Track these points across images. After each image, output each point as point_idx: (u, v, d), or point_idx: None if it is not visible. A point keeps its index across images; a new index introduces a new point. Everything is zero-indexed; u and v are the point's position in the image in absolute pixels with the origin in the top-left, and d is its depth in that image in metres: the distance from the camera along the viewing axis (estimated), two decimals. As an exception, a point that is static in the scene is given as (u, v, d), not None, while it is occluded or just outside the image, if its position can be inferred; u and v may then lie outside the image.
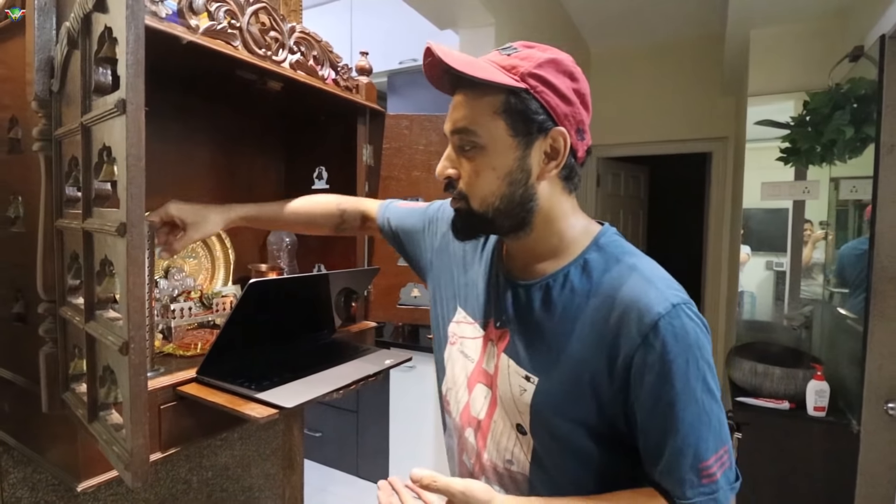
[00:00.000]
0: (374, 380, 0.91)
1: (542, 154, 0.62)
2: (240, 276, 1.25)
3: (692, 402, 0.57)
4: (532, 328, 0.66)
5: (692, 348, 0.57)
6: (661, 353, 0.56)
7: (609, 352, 0.59)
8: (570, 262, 0.65)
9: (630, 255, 0.64)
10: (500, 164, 0.61)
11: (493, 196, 0.62)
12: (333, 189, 1.29)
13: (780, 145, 2.18)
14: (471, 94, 0.62)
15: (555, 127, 0.61)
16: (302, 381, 0.83)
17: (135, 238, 0.48)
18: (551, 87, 0.60)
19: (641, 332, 0.57)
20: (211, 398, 0.76)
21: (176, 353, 0.90)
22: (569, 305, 0.63)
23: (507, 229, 0.65)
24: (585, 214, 0.69)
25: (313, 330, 1.06)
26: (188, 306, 0.98)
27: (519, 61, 0.60)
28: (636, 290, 0.59)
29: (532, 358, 0.65)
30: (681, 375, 0.56)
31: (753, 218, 2.46)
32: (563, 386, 0.61)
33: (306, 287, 0.99)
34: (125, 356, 0.50)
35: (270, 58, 0.91)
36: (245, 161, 1.27)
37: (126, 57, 0.47)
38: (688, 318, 0.57)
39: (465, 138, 0.62)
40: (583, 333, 0.61)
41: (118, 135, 0.49)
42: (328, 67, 1.06)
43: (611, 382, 0.59)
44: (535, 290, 0.66)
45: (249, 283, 0.78)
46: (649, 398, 0.57)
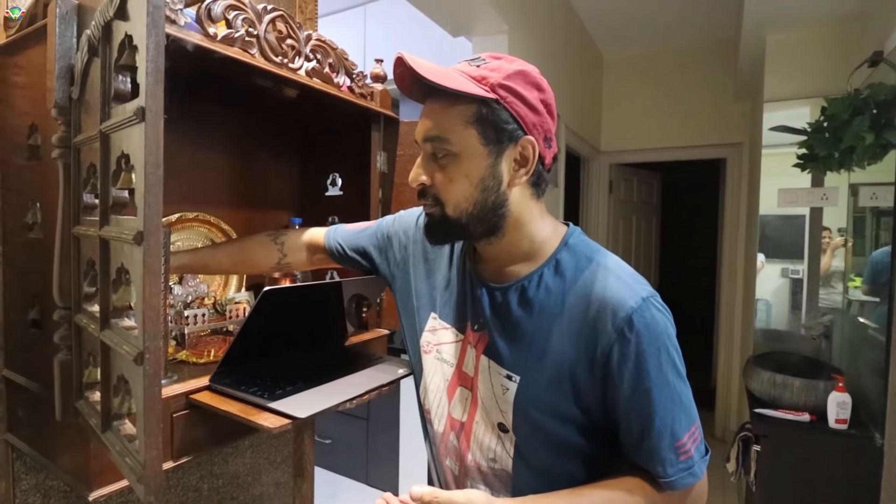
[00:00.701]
0: (388, 390, 0.90)
1: (513, 162, 0.65)
2: (253, 283, 1.25)
3: (666, 386, 0.61)
4: (511, 328, 0.68)
5: (662, 336, 0.61)
6: (636, 344, 0.60)
7: (587, 346, 0.62)
8: (542, 263, 0.68)
9: (598, 254, 0.68)
10: (473, 171, 0.63)
11: (467, 202, 0.64)
12: (348, 195, 1.29)
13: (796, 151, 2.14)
14: (442, 103, 0.64)
15: (524, 136, 0.64)
16: (315, 390, 0.82)
17: (151, 247, 0.48)
18: (520, 98, 0.63)
19: (617, 327, 0.61)
20: (223, 407, 0.75)
21: (189, 359, 0.90)
22: (545, 304, 0.66)
23: (480, 234, 0.67)
24: (552, 217, 0.72)
25: (326, 338, 1.05)
26: (202, 313, 0.98)
27: (489, 72, 0.63)
28: (609, 287, 0.63)
29: (513, 357, 0.67)
30: (655, 363, 0.60)
31: (769, 225, 2.42)
32: (544, 382, 0.64)
33: (319, 295, 0.98)
34: (140, 366, 0.49)
35: (287, 65, 0.91)
36: (260, 167, 1.27)
37: (146, 65, 0.47)
38: (656, 310, 0.62)
39: (438, 146, 0.64)
40: (561, 330, 0.64)
41: (136, 142, 0.49)
42: (343, 75, 1.06)
43: (590, 375, 0.63)
44: (512, 291, 0.69)
45: (263, 291, 0.77)
46: (628, 387, 0.61)
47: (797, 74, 2.24)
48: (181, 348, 0.94)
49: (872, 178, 1.95)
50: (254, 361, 0.87)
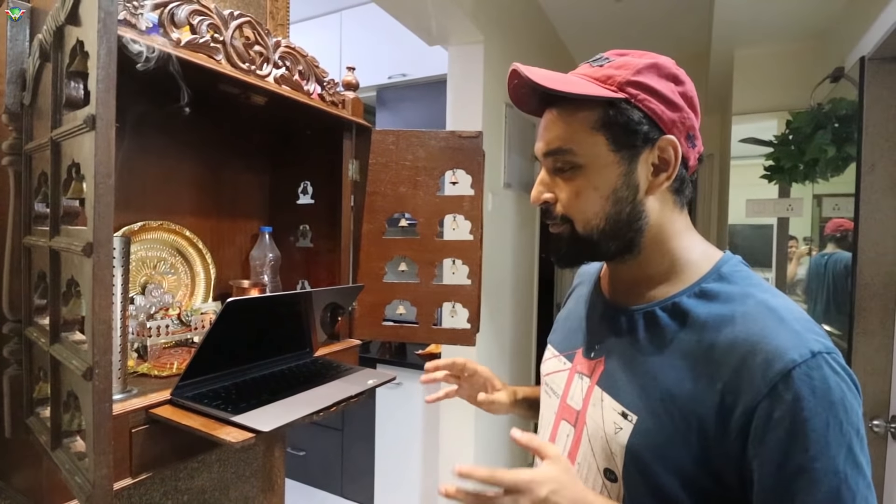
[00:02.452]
0: (357, 401, 0.88)
1: (650, 167, 0.58)
2: (221, 293, 1.22)
3: (830, 474, 0.46)
4: (633, 359, 0.59)
5: (836, 407, 0.47)
6: (793, 408, 0.47)
7: (724, 398, 0.51)
8: (684, 288, 0.59)
9: (761, 290, 0.56)
10: (603, 182, 0.57)
11: (598, 217, 0.58)
12: (319, 203, 1.28)
13: (764, 163, 2.21)
14: (563, 111, 0.59)
15: (662, 136, 0.57)
16: (281, 402, 0.81)
17: (101, 258, 0.46)
18: (654, 94, 0.56)
19: (769, 381, 0.48)
20: (185, 421, 0.73)
21: (151, 373, 0.87)
22: (679, 337, 0.56)
23: (614, 252, 0.60)
24: (701, 237, 0.64)
25: (294, 349, 1.03)
26: (165, 324, 0.96)
27: (614, 70, 0.57)
28: (766, 329, 0.51)
29: (632, 392, 0.58)
30: (817, 438, 0.47)
31: (739, 234, 2.49)
32: (666, 428, 0.54)
33: (287, 305, 0.97)
34: (89, 382, 0.47)
35: (254, 72, 0.90)
36: (229, 175, 1.25)
37: (97, 72, 0.46)
38: (832, 372, 0.48)
39: (562, 159, 0.59)
40: (694, 371, 0.53)
41: (87, 151, 0.48)
42: (314, 82, 1.05)
43: (723, 433, 0.51)
44: (639, 316, 0.61)
45: (227, 301, 0.76)
46: (773, 461, 0.48)
47: (764, 88, 2.32)
48: (143, 361, 0.91)
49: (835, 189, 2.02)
50: (218, 374, 0.85)
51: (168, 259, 1.12)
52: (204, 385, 0.82)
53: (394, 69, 2.56)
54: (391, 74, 2.57)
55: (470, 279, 1.19)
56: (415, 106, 2.57)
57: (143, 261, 1.06)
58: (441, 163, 1.19)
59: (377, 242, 1.22)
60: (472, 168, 1.17)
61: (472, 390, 0.91)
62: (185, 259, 1.15)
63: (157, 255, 1.09)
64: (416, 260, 1.21)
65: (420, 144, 1.20)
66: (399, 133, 1.20)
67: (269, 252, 1.26)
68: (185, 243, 1.14)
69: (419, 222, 1.20)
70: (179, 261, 1.14)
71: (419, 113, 2.55)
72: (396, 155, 1.20)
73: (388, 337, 1.23)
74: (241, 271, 1.29)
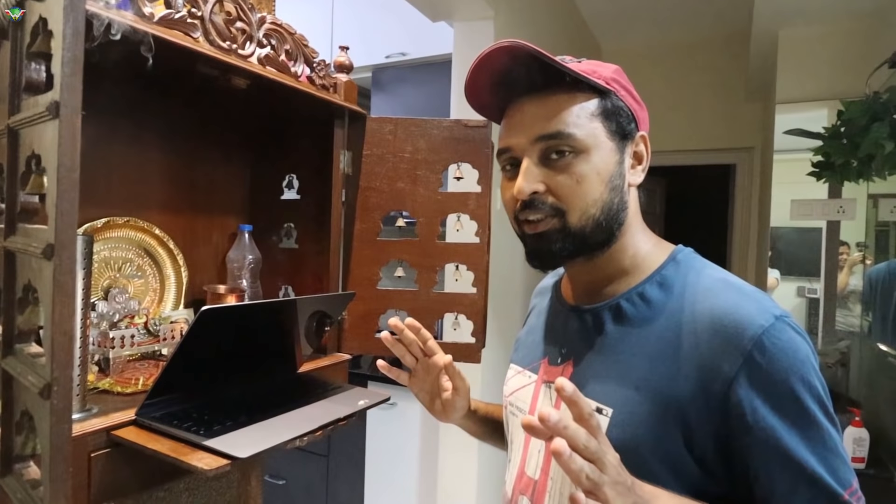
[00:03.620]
0: (345, 424, 0.89)
1: (630, 159, 0.68)
2: (194, 299, 1.23)
3: (814, 427, 0.56)
4: (602, 353, 0.66)
5: (806, 364, 0.56)
6: (770, 372, 0.55)
7: (700, 374, 0.58)
8: (644, 279, 0.67)
9: (715, 270, 0.66)
10: (604, 167, 0.64)
11: (595, 205, 0.64)
12: (306, 200, 1.29)
13: (811, 158, 2.21)
14: (557, 96, 0.64)
15: (638, 132, 0.68)
16: (260, 424, 0.81)
17: (64, 262, 0.47)
18: (629, 92, 0.67)
19: (742, 349, 0.56)
20: (151, 445, 0.74)
21: (113, 389, 0.88)
22: (646, 323, 0.63)
23: (595, 246, 0.67)
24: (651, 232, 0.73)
25: (276, 364, 1.04)
26: (131, 334, 0.96)
27: (595, 67, 0.66)
28: (728, 301, 0.59)
29: (603, 387, 0.64)
30: (797, 398, 0.55)
31: (783, 238, 2.48)
32: (643, 417, 0.60)
33: (268, 314, 0.97)
34: (46, 400, 0.48)
35: (236, 51, 0.91)
36: (205, 166, 1.26)
37: (62, 53, 0.47)
38: (794, 332, 0.57)
39: (560, 143, 0.63)
40: (665, 354, 0.60)
41: (49, 141, 0.49)
42: (302, 63, 1.06)
43: (705, 412, 0.57)
44: (605, 311, 0.68)
45: (201, 310, 0.76)
46: (761, 429, 0.55)
47: (813, 74, 2.31)
48: (105, 375, 0.92)
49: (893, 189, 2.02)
50: (189, 391, 0.86)
51: (135, 260, 1.12)
52: (173, 404, 0.82)
53: (392, 48, 2.56)
54: (389, 54, 2.57)
55: (475, 287, 1.19)
56: (415, 90, 2.57)
57: (107, 262, 1.07)
58: (444, 155, 1.19)
59: (371, 244, 1.22)
60: (480, 161, 1.18)
61: (425, 382, 0.85)
62: (153, 260, 1.16)
63: (122, 256, 1.10)
64: (415, 264, 1.21)
65: (421, 134, 1.20)
66: (397, 121, 1.21)
67: (248, 253, 1.26)
68: (153, 242, 1.15)
69: (418, 222, 1.21)
70: (147, 262, 1.15)
71: (420, 98, 2.55)
72: (394, 146, 1.21)
73: (382, 351, 1.23)
74: (216, 275, 1.30)
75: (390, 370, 0.83)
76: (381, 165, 1.21)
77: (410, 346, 0.82)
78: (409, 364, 0.84)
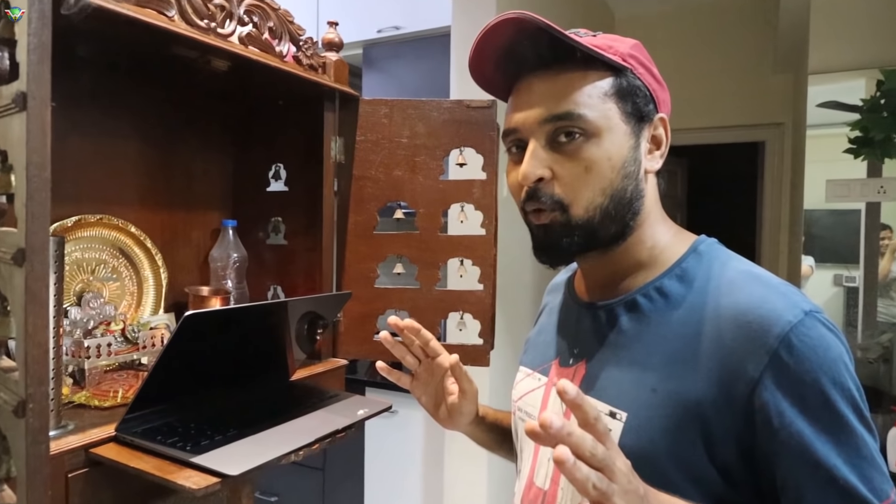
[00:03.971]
0: (344, 436, 0.90)
1: (647, 143, 0.68)
2: (174, 302, 1.23)
3: (847, 433, 0.55)
4: (616, 353, 0.66)
5: (837, 364, 0.56)
6: (798, 372, 0.55)
7: (722, 375, 0.58)
8: (662, 272, 0.67)
9: (740, 261, 0.66)
10: (616, 152, 0.64)
11: (604, 194, 0.64)
12: (295, 191, 1.29)
13: (848, 133, 2.20)
14: (567, 74, 0.64)
15: (657, 114, 0.68)
16: (252, 438, 0.82)
17: (36, 268, 0.48)
18: (648, 71, 0.67)
19: (768, 348, 0.56)
20: (134, 463, 0.74)
21: (90, 402, 0.88)
22: (664, 319, 0.64)
23: (610, 238, 0.67)
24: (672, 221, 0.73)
25: (267, 372, 1.04)
26: (107, 342, 0.97)
27: (611, 42, 0.66)
28: (753, 296, 0.59)
29: (618, 388, 0.64)
30: (827, 400, 0.55)
31: (817, 222, 2.48)
32: (660, 421, 0.60)
33: (257, 318, 0.98)
34: (21, 419, 0.49)
35: (215, 30, 0.91)
36: (183, 157, 1.26)
37: (28, 39, 0.47)
38: (825, 329, 0.57)
39: (570, 125, 0.63)
40: (685, 353, 0.61)
41: (17, 136, 0.49)
42: (287, 42, 1.06)
43: (728, 416, 0.57)
44: (620, 307, 0.68)
45: (185, 315, 0.76)
46: (788, 435, 0.55)
47: (849, 40, 2.29)
48: (80, 388, 0.93)
49: (940, 166, 2.01)
50: (174, 404, 0.86)
51: (109, 261, 1.13)
52: (156, 418, 0.83)
53: (384, 21, 2.55)
54: (381, 28, 2.56)
55: (482, 283, 1.19)
56: (411, 68, 2.56)
57: (79, 264, 1.07)
58: (445, 139, 1.19)
59: (367, 239, 1.22)
60: (484, 146, 1.18)
61: (428, 385, 0.84)
62: (129, 261, 1.16)
63: (95, 257, 1.10)
64: (415, 260, 1.21)
65: (419, 117, 1.20)
66: (393, 103, 1.21)
67: (233, 251, 1.26)
68: (129, 241, 1.15)
69: (418, 213, 1.21)
70: (123, 263, 1.15)
71: (416, 77, 2.54)
72: (390, 130, 1.21)
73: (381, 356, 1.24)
74: (199, 275, 1.30)
75: (390, 372, 0.83)
76: (376, 152, 1.21)
77: (411, 347, 0.82)
78: (411, 366, 0.84)
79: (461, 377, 0.82)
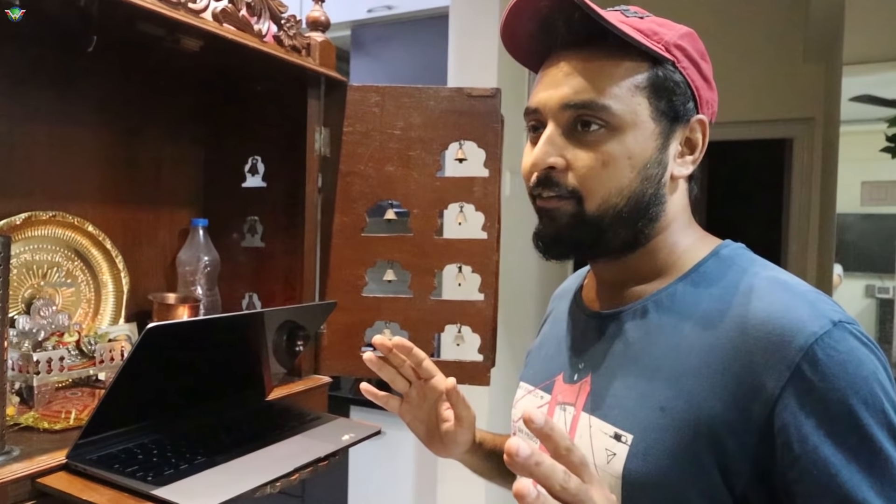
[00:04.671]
0: (326, 464, 0.89)
1: (679, 146, 0.67)
2: (137, 311, 1.23)
3: (880, 460, 0.53)
4: (624, 368, 0.66)
5: (869, 383, 0.54)
6: (823, 390, 0.54)
7: (738, 392, 0.57)
8: (677, 277, 0.67)
9: (765, 267, 0.66)
10: (639, 152, 0.64)
11: (621, 194, 0.64)
12: (275, 187, 1.28)
13: (885, 130, 2.21)
14: (599, 57, 0.64)
15: (696, 114, 0.67)
16: (223, 467, 0.81)
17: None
18: (695, 65, 0.66)
19: (789, 361, 0.55)
20: (87, 496, 0.73)
21: (39, 425, 0.87)
22: (676, 330, 0.63)
23: (618, 245, 0.67)
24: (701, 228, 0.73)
25: (241, 391, 1.04)
26: (59, 355, 0.96)
27: (658, 27, 0.65)
28: (775, 304, 0.59)
29: (624, 407, 0.64)
30: (858, 423, 0.53)
31: (851, 228, 2.49)
32: (669, 444, 0.59)
33: (231, 331, 0.97)
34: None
35: (185, 5, 0.90)
36: (149, 148, 1.26)
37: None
38: (859, 342, 0.56)
39: (591, 114, 0.63)
40: (698, 367, 0.60)
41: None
42: (267, 19, 1.06)
43: (744, 437, 0.57)
44: (628, 316, 0.68)
45: (147, 328, 0.75)
46: (811, 462, 0.54)
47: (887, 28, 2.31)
48: (28, 408, 0.91)
49: None
50: (134, 427, 0.85)
51: (63, 264, 1.12)
52: (115, 443, 0.82)
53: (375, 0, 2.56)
54: (371, 7, 2.56)
55: (483, 293, 1.19)
56: (404, 51, 2.56)
57: (29, 267, 1.06)
58: (443, 132, 1.19)
59: (354, 242, 1.22)
60: (487, 139, 1.17)
61: (420, 409, 0.84)
62: (86, 264, 1.15)
63: (47, 259, 1.09)
64: (409, 266, 1.21)
65: (414, 106, 1.19)
66: (385, 90, 1.20)
67: (203, 254, 1.26)
68: (86, 242, 1.14)
69: (412, 214, 1.21)
70: (79, 266, 1.15)
71: (410, 61, 2.55)
72: (382, 120, 1.20)
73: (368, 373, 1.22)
74: (164, 281, 1.30)
75: (377, 396, 0.82)
76: (365, 145, 1.21)
77: (401, 368, 0.81)
78: (401, 389, 0.83)
79: (457, 402, 0.81)
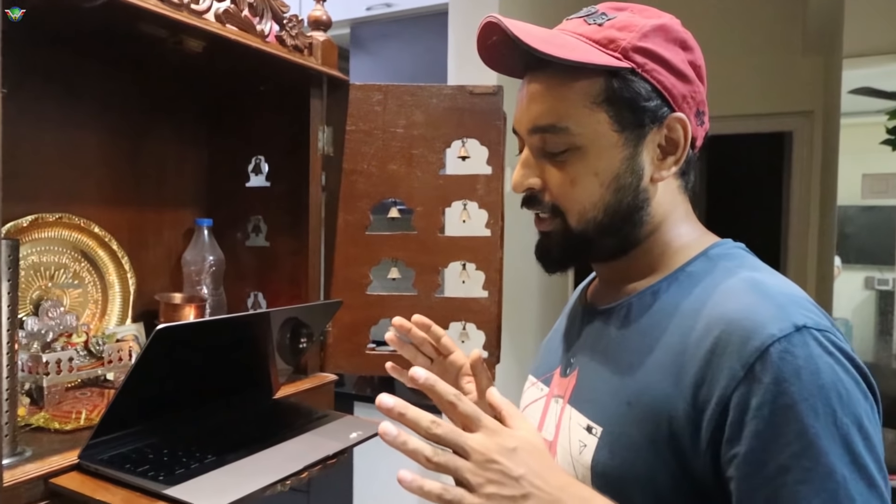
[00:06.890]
0: (335, 462, 0.89)
1: (657, 149, 0.66)
2: (143, 311, 1.23)
3: (821, 476, 0.50)
4: (604, 364, 0.68)
5: (824, 391, 0.51)
6: (774, 393, 0.52)
7: (697, 389, 0.56)
8: (665, 275, 0.68)
9: (751, 269, 0.64)
10: (605, 167, 0.65)
11: (595, 209, 0.65)
12: (278, 186, 1.28)
13: (886, 123, 2.21)
14: (555, 79, 0.64)
15: (671, 113, 0.65)
16: (233, 466, 0.81)
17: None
18: (663, 63, 0.63)
19: (744, 363, 0.53)
20: (100, 495, 0.73)
21: (50, 425, 0.88)
22: (654, 327, 0.64)
23: (609, 251, 0.69)
24: (701, 224, 0.73)
25: (248, 390, 1.04)
26: (68, 356, 0.96)
27: (616, 32, 0.63)
28: (742, 305, 0.58)
29: (597, 402, 0.66)
30: (804, 430, 0.50)
31: (852, 220, 2.48)
32: (633, 437, 0.60)
33: (237, 330, 0.97)
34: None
35: (188, 6, 0.90)
36: (153, 149, 1.26)
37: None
38: (822, 350, 0.53)
39: (554, 139, 0.65)
40: (666, 364, 0.60)
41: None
42: (269, 19, 1.06)
43: (699, 432, 0.56)
44: (614, 313, 0.69)
45: (157, 329, 0.75)
46: (750, 459, 0.52)
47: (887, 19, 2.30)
48: (38, 408, 0.92)
49: None
50: (145, 426, 0.86)
51: (70, 266, 1.12)
52: (125, 443, 0.82)
53: (374, -2, 2.55)
54: (370, 5, 2.55)
55: (487, 290, 1.20)
56: (404, 49, 2.55)
57: (36, 269, 1.06)
58: (446, 130, 1.19)
59: (358, 240, 1.22)
60: (490, 137, 1.17)
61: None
62: (93, 265, 1.16)
63: (54, 261, 1.09)
64: (413, 264, 1.21)
65: (416, 104, 1.19)
66: (387, 89, 1.20)
67: (208, 254, 1.26)
68: (93, 243, 1.14)
69: (416, 212, 1.21)
70: (86, 268, 1.15)
71: (410, 59, 2.53)
72: (384, 119, 1.20)
73: (374, 370, 1.24)
74: (170, 281, 1.30)
75: (401, 373, 0.85)
76: (368, 144, 1.21)
77: (422, 346, 0.84)
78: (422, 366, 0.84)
79: (481, 374, 0.81)
